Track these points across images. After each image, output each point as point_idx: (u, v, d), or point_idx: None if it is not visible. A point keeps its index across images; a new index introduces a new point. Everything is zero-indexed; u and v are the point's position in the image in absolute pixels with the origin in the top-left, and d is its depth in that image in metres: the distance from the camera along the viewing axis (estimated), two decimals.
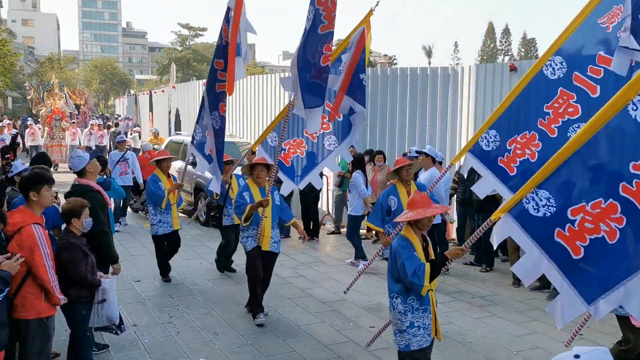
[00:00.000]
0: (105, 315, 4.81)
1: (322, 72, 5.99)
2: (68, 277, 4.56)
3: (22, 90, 57.97)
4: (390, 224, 6.75)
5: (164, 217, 7.96)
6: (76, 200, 4.77)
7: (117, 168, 11.58)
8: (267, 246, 6.51)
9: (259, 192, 6.58)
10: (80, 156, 5.65)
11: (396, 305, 4.38)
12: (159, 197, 7.83)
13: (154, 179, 7.96)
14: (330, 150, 7.25)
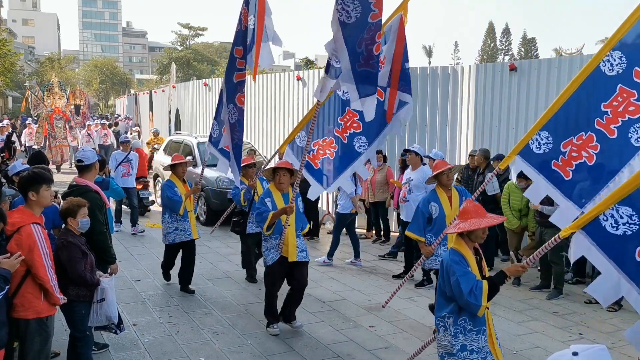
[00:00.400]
0: (104, 315, 4.82)
1: (370, 59, 5.45)
2: (67, 276, 4.57)
3: (22, 90, 58.03)
4: (432, 233, 6.28)
5: (180, 224, 7.51)
6: (73, 199, 4.77)
7: (120, 169, 11.28)
8: (294, 256, 6.07)
9: (282, 198, 6.16)
10: (93, 151, 5.75)
11: (448, 327, 3.98)
12: (176, 204, 7.39)
13: (170, 185, 7.51)
14: (360, 152, 6.76)
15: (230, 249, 9.95)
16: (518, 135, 9.63)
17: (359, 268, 9.02)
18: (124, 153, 11.44)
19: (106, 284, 4.80)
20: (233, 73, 6.80)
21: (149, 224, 11.77)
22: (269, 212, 5.98)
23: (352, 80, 5.49)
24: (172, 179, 7.59)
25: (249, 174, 7.88)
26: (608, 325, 6.66)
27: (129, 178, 11.34)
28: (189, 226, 7.57)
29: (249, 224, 7.94)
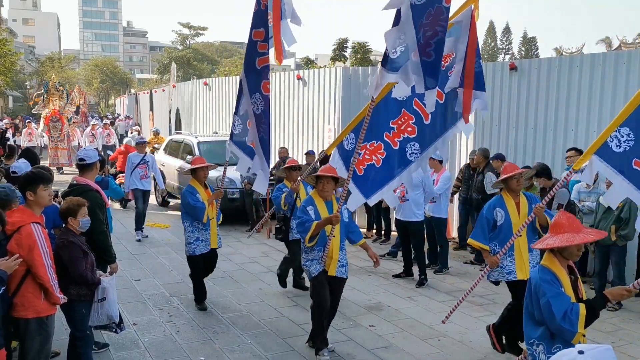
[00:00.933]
0: (105, 314, 4.82)
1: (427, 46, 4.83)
2: (68, 275, 4.57)
3: (22, 89, 58.04)
4: (496, 242, 5.70)
5: (201, 234, 6.84)
6: (73, 199, 4.77)
7: (137, 171, 10.81)
8: (334, 270, 5.60)
9: (325, 206, 5.64)
10: (94, 150, 5.79)
11: (537, 355, 3.59)
12: (198, 211, 6.70)
13: (191, 191, 6.80)
14: (411, 160, 5.98)
15: (231, 249, 9.95)
16: (518, 135, 9.64)
17: (359, 267, 9.01)
18: (140, 155, 10.98)
19: (107, 283, 4.81)
20: (255, 59, 6.26)
21: (149, 224, 11.77)
22: (312, 222, 5.44)
23: (420, 71, 4.83)
24: (193, 184, 6.90)
25: (293, 176, 7.39)
26: (608, 324, 6.66)
27: (147, 180, 10.95)
28: (209, 235, 6.93)
29: (290, 231, 7.41)
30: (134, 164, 10.78)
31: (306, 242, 5.53)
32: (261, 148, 6.45)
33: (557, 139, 9.10)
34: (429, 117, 5.90)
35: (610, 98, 8.36)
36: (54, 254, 4.43)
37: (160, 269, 8.68)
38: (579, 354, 1.63)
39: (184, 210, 6.88)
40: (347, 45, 42.75)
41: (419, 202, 8.18)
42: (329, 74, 12.37)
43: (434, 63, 4.87)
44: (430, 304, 7.29)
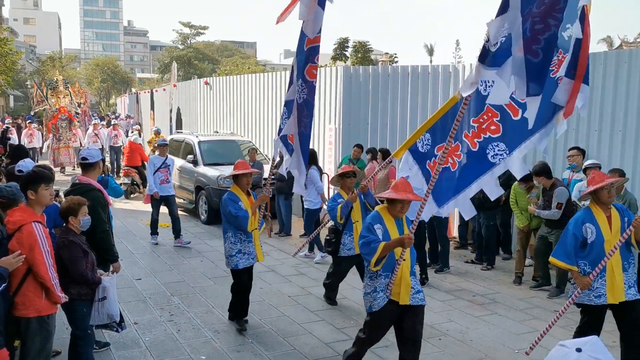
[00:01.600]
0: (105, 313, 4.83)
1: (534, 42, 4.06)
2: (68, 275, 4.57)
3: (23, 89, 58.07)
4: (587, 261, 5.08)
5: (244, 246, 6.28)
6: (73, 198, 4.78)
7: (158, 175, 10.23)
8: (407, 299, 4.74)
9: (395, 225, 4.82)
10: (97, 150, 5.83)
11: None
12: (242, 220, 6.09)
13: (232, 198, 6.20)
14: (494, 163, 5.16)
15: None
16: None
17: None
18: (161, 158, 10.38)
19: (107, 282, 4.82)
20: (304, 39, 5.62)
21: (148, 223, 11.76)
22: (380, 243, 4.62)
23: (524, 72, 4.05)
24: (235, 191, 6.30)
25: (347, 184, 6.84)
26: (608, 324, 6.63)
27: (168, 185, 10.38)
28: (253, 248, 6.37)
29: (341, 246, 6.84)
30: (155, 167, 10.27)
31: (371, 266, 4.71)
32: (300, 144, 5.81)
33: (558, 138, 9.08)
34: (518, 112, 5.06)
35: (611, 97, 8.35)
36: (55, 254, 4.44)
37: (161, 268, 8.68)
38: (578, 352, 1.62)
39: (224, 219, 6.29)
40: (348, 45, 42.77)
41: None
42: (330, 73, 12.37)
43: (541, 64, 4.12)
44: (431, 303, 7.28)
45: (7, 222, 4.17)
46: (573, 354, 1.60)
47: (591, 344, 1.64)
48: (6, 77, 31.56)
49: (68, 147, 19.19)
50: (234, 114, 16.07)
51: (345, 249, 6.85)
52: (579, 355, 1.60)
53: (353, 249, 6.80)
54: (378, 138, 11.59)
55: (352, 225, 6.81)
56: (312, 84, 5.71)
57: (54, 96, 20.12)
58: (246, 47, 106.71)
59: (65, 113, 19.37)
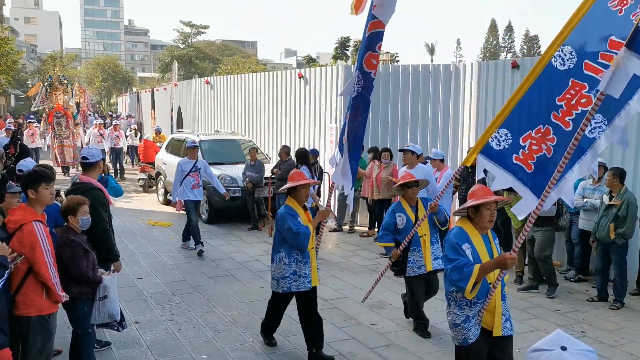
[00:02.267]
0: (106, 312, 4.83)
1: None
2: (69, 274, 4.58)
3: (24, 88, 58.07)
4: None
5: (300, 267, 5.48)
6: (73, 198, 4.79)
7: (189, 180, 9.56)
8: (499, 329, 4.12)
9: (483, 242, 4.20)
10: (98, 149, 5.79)
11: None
12: (302, 238, 5.33)
13: (290, 213, 5.47)
14: (594, 137, 4.45)
15: (232, 247, 9.96)
16: None
17: (360, 266, 9.02)
18: (191, 161, 9.68)
19: (108, 281, 4.82)
20: (367, 23, 5.00)
21: (150, 222, 11.79)
22: (474, 266, 3.96)
23: None
24: (292, 205, 5.56)
25: (409, 194, 6.17)
26: (610, 323, 6.65)
27: (199, 190, 9.74)
28: (309, 270, 5.58)
29: (408, 264, 6.12)
30: (184, 172, 9.57)
31: (467, 294, 4.02)
32: (347, 145, 5.15)
33: None
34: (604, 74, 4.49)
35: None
36: (55, 253, 4.44)
37: (162, 267, 8.69)
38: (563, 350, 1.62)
39: (280, 237, 5.51)
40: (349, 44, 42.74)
41: None
42: (331, 73, 12.37)
43: None
44: (431, 303, 7.27)
45: (8, 222, 4.17)
46: (563, 354, 1.60)
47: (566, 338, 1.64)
48: (7, 77, 31.59)
49: (64, 146, 18.40)
50: (234, 113, 16.07)
51: (414, 267, 6.08)
52: (568, 352, 1.60)
53: (423, 267, 6.04)
54: (379, 137, 11.59)
55: (419, 240, 6.04)
56: (369, 76, 5.00)
57: (51, 93, 19.31)
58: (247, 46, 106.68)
59: (60, 110, 18.47)
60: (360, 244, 10.45)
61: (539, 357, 1.64)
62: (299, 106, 13.14)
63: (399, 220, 6.17)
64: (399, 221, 6.17)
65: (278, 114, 13.86)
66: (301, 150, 9.74)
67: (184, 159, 10.00)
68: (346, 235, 11.18)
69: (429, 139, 11.02)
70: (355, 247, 10.17)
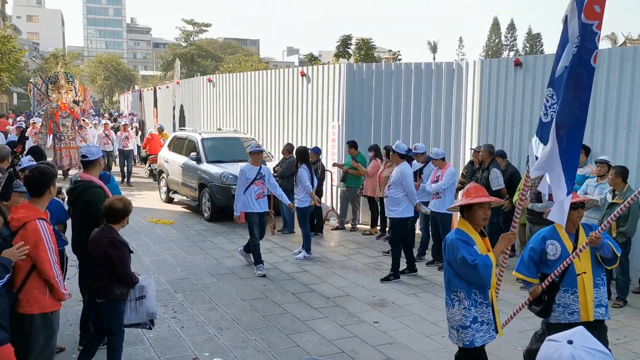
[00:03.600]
0: (145, 312, 4.87)
1: None
2: (113, 275, 4.65)
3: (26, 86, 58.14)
4: None
5: (482, 312, 4.22)
6: (126, 201, 4.85)
7: (253, 189, 8.29)
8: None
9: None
10: (97, 147, 5.82)
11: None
12: (483, 272, 4.06)
13: (464, 239, 4.20)
14: None
15: (235, 245, 9.96)
16: (523, 131, 9.60)
17: (363, 264, 9.02)
18: (255, 168, 8.43)
19: (145, 281, 4.87)
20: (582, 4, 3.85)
21: (153, 220, 11.80)
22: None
23: None
24: (464, 229, 4.27)
25: (573, 218, 4.68)
26: (613, 321, 6.63)
27: (264, 200, 8.45)
28: (492, 316, 4.33)
29: (561, 307, 4.69)
30: (249, 180, 8.33)
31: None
32: (558, 133, 4.01)
33: None
34: None
35: (615, 94, 8.32)
36: (102, 253, 4.56)
37: (164, 265, 8.69)
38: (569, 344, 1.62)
39: (450, 270, 4.28)
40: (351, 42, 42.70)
41: (395, 198, 8.12)
42: (333, 71, 12.35)
43: None
44: (434, 301, 7.29)
45: (11, 219, 4.17)
46: (565, 347, 1.59)
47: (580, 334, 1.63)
48: (9, 75, 31.64)
49: (70, 148, 16.90)
50: (237, 112, 16.06)
51: (565, 313, 4.67)
52: (572, 346, 1.59)
53: (577, 313, 4.63)
54: (381, 135, 11.58)
55: (576, 279, 4.65)
56: (591, 31, 3.82)
57: (54, 91, 17.71)
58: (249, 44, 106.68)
59: (66, 110, 17.08)
60: (362, 242, 10.45)
61: (546, 345, 1.65)
62: (301, 104, 13.13)
63: (550, 250, 4.74)
64: (551, 250, 4.74)
65: (280, 112, 13.85)
66: (301, 148, 9.73)
67: (246, 164, 8.64)
68: (348, 233, 11.18)
69: (432, 137, 11.01)
70: (358, 246, 10.17)
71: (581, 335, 1.62)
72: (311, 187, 9.30)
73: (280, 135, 13.88)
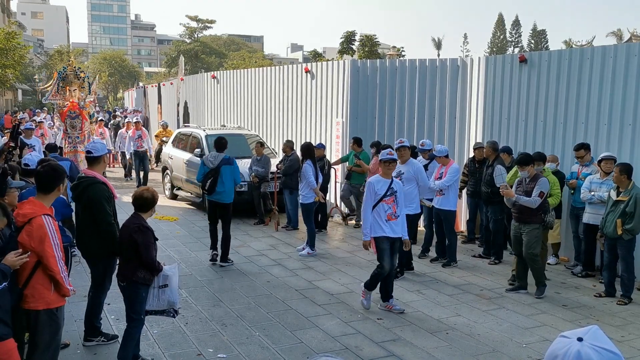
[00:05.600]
0: (166, 300, 5.00)
1: None
2: (137, 259, 4.80)
3: (31, 82, 58.28)
4: None
5: None
6: (153, 190, 5.04)
7: (383, 207, 6.65)
8: None
9: None
10: (103, 143, 5.83)
11: None
12: None
13: None
14: None
15: (239, 241, 9.97)
16: (528, 128, 9.58)
17: (367, 261, 9.01)
18: (386, 181, 6.72)
19: (170, 271, 5.00)
20: None
21: (157, 217, 11.82)
22: None
23: None
24: None
25: None
26: (618, 318, 6.63)
27: (397, 222, 6.69)
28: None
29: None
30: (378, 196, 6.65)
31: None
32: None
33: (567, 132, 9.04)
34: None
35: (621, 91, 8.28)
36: (128, 238, 4.74)
37: (169, 261, 8.69)
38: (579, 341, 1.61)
39: None
40: (355, 39, 42.65)
41: (411, 195, 8.07)
42: (338, 67, 12.33)
43: None
44: (438, 298, 7.29)
45: (17, 215, 4.19)
46: (574, 344, 1.59)
47: (592, 332, 1.62)
48: (14, 71, 31.69)
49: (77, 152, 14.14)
50: (241, 108, 16.06)
51: None
52: (581, 344, 1.58)
53: None
54: (385, 132, 11.56)
55: None
56: None
57: (64, 88, 15.61)
58: (253, 40, 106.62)
59: (75, 109, 14.85)
60: None
61: (556, 341, 1.64)
62: (305, 101, 13.12)
63: None
64: None
65: (284, 109, 13.85)
66: (306, 144, 9.72)
67: (375, 176, 6.97)
68: (352, 229, 11.18)
69: (436, 133, 10.99)
70: (360, 242, 10.15)
71: (593, 334, 1.61)
72: (315, 183, 9.30)
73: (284, 132, 13.87)
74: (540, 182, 7.18)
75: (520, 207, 7.25)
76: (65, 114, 14.87)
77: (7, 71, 30.39)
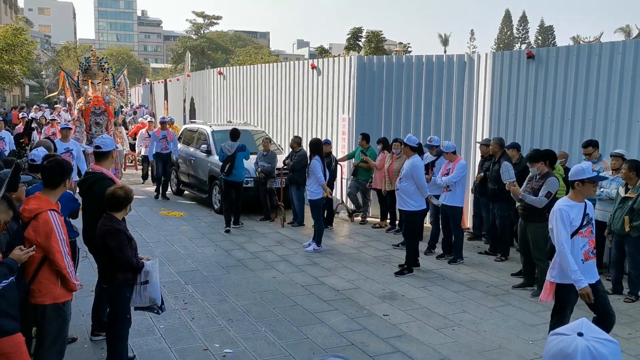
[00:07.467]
0: (147, 297, 4.94)
1: None
2: (115, 261, 4.72)
3: (39, 78, 58.46)
4: None
5: None
6: (128, 189, 4.90)
7: (579, 241, 5.35)
8: None
9: None
10: (111, 138, 5.79)
11: None
12: None
13: None
14: None
15: (245, 237, 9.99)
16: (535, 124, 9.53)
17: (373, 257, 9.01)
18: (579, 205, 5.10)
19: (150, 267, 4.93)
20: None
21: (164, 212, 11.85)
22: None
23: None
24: None
25: None
26: (624, 315, 6.59)
27: None
28: None
29: None
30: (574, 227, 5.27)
31: None
32: None
33: (575, 129, 8.99)
34: None
35: (629, 87, 8.23)
36: (100, 241, 4.62)
37: (175, 256, 8.73)
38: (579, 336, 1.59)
39: None
40: (362, 35, 42.56)
41: (408, 191, 8.05)
42: (344, 63, 12.31)
43: None
44: (444, 294, 7.27)
45: (23, 210, 4.20)
46: (578, 340, 1.57)
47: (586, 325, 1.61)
48: (22, 67, 31.78)
49: None
50: (247, 104, 16.06)
51: None
52: (584, 339, 1.57)
53: None
54: (392, 128, 11.53)
55: None
56: None
57: (86, 82, 14.05)
58: (259, 37, 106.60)
59: (100, 105, 13.52)
60: (372, 235, 10.44)
61: (554, 340, 1.62)
62: (311, 97, 13.11)
63: None
64: None
65: (291, 105, 13.84)
66: (315, 140, 9.71)
67: (563, 199, 5.16)
68: (358, 226, 11.17)
69: (443, 130, 10.95)
70: (368, 238, 10.16)
71: (587, 327, 1.60)
72: (324, 179, 9.29)
73: (290, 128, 13.86)
74: (549, 181, 7.03)
75: (526, 204, 7.21)
76: (90, 111, 13.49)
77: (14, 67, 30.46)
